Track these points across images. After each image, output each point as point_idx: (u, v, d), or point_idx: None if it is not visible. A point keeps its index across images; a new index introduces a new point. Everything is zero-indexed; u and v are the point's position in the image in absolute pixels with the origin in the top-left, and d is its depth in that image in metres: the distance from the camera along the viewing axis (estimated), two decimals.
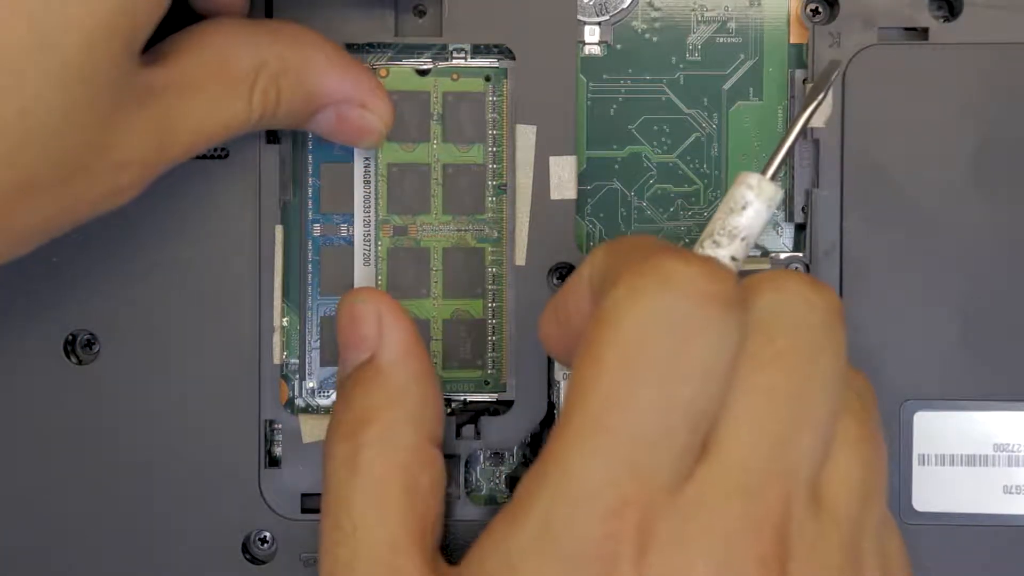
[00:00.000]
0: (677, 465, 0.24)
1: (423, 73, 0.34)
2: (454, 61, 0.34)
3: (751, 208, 0.27)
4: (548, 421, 0.33)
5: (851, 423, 0.26)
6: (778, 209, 0.34)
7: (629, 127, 0.34)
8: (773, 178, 0.27)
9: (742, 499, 0.24)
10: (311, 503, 0.33)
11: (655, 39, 0.34)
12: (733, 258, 0.27)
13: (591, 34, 0.34)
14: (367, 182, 0.34)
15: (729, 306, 0.24)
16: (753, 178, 0.27)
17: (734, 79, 0.34)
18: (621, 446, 0.24)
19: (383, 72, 0.33)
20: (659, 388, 0.24)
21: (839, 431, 0.26)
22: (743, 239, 0.27)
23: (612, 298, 0.24)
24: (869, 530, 0.26)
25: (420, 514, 0.29)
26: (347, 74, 0.31)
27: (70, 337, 0.33)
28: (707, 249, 0.27)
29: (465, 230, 0.34)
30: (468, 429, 0.33)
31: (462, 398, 0.34)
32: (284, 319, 0.34)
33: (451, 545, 0.32)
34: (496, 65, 0.34)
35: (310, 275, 0.34)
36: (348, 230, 0.34)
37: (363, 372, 0.30)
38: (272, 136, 0.33)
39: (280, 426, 0.33)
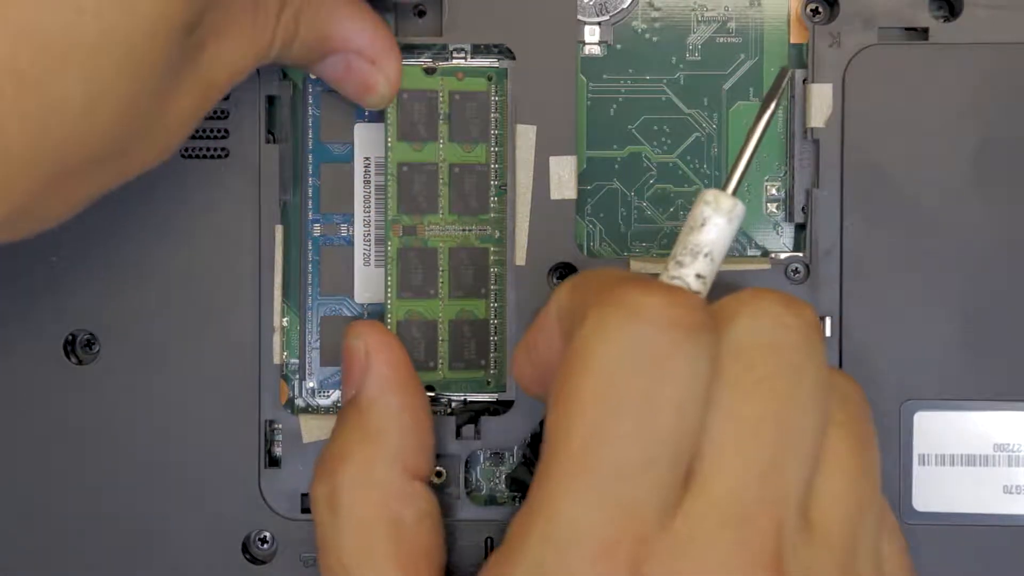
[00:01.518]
0: (663, 498, 0.24)
1: (430, 72, 0.34)
2: (454, 61, 0.34)
3: (710, 223, 0.26)
4: None
5: (838, 436, 0.26)
6: (777, 209, 0.34)
7: (629, 127, 0.34)
8: (735, 191, 0.27)
9: (733, 530, 0.24)
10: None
11: (655, 39, 0.34)
12: (699, 275, 0.26)
13: (591, 34, 0.34)
14: (367, 182, 0.34)
15: (697, 331, 0.24)
16: (710, 194, 0.27)
17: (734, 79, 0.34)
18: (605, 483, 0.24)
19: None
20: (636, 420, 0.24)
21: (826, 446, 0.26)
22: (706, 255, 0.26)
23: (581, 335, 0.24)
24: (864, 544, 0.26)
25: (409, 550, 0.29)
26: (365, 26, 0.31)
27: (70, 337, 0.33)
28: (671, 270, 0.27)
29: (469, 230, 0.34)
30: (468, 429, 0.33)
31: (462, 398, 0.34)
32: (284, 319, 0.34)
33: (452, 545, 0.33)
34: (496, 65, 0.34)
35: (310, 275, 0.34)
36: (348, 230, 0.34)
37: (346, 410, 0.30)
38: (272, 136, 0.33)
39: (280, 426, 0.33)
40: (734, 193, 0.27)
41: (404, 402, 0.30)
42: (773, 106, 0.28)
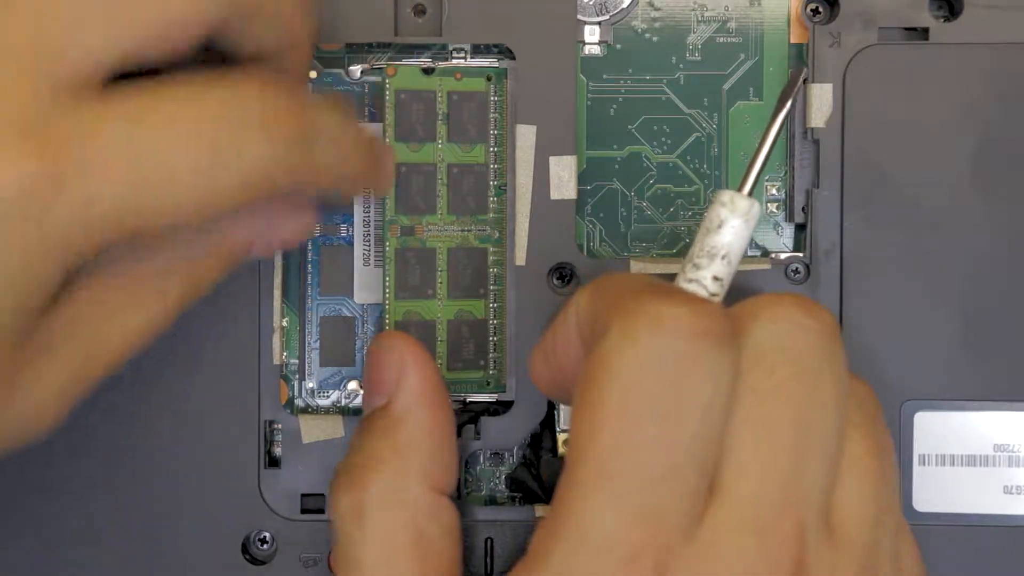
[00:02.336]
0: (688, 506, 0.24)
1: (428, 72, 0.34)
2: (454, 61, 0.34)
3: (727, 225, 0.27)
4: (548, 421, 0.33)
5: (856, 438, 0.26)
6: (777, 209, 0.34)
7: (629, 127, 0.34)
8: (751, 192, 0.27)
9: (756, 536, 0.24)
10: (311, 503, 0.33)
11: (655, 39, 0.34)
12: (715, 277, 0.27)
13: (591, 34, 0.34)
14: None
15: (720, 341, 0.24)
16: (726, 195, 0.27)
17: (734, 79, 0.34)
18: (630, 492, 0.24)
19: (391, 71, 0.33)
20: (661, 430, 0.24)
21: (845, 449, 0.26)
22: (723, 257, 0.27)
23: (604, 345, 0.24)
24: (884, 547, 0.26)
25: (434, 566, 0.29)
26: (350, 159, 0.29)
27: None
28: (688, 272, 0.27)
29: (468, 230, 0.34)
30: (468, 429, 0.33)
31: (462, 398, 0.34)
32: (284, 319, 0.34)
33: None
34: (496, 65, 0.34)
35: (310, 275, 0.34)
36: (348, 230, 0.34)
37: (376, 418, 0.30)
38: None
39: (280, 426, 0.33)
40: (750, 194, 0.27)
41: (436, 418, 0.30)
42: (788, 105, 0.28)
